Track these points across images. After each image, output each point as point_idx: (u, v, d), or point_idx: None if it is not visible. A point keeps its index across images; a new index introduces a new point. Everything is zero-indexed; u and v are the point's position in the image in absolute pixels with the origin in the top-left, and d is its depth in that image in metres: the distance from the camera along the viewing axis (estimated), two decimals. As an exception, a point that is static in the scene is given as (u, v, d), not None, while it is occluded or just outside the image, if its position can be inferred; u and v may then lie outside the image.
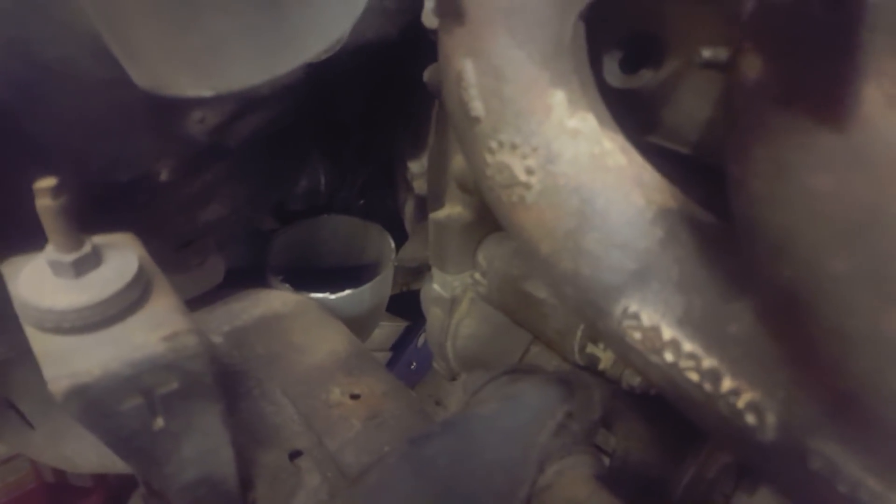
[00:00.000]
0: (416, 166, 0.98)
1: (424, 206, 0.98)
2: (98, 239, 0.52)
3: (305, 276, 1.10)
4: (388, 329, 1.62)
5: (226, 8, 0.42)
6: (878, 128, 0.29)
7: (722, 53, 0.39)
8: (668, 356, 0.40)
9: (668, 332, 0.40)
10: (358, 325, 1.01)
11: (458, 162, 0.79)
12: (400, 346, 1.64)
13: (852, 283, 0.31)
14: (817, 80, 0.29)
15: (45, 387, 0.98)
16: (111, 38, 0.47)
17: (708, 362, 0.39)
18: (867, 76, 0.28)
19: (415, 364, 1.65)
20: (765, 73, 0.31)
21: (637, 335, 0.42)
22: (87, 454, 1.00)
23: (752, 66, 0.32)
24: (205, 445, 0.57)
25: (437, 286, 0.89)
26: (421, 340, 1.63)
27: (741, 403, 0.38)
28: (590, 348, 0.70)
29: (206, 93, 0.46)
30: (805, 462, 0.35)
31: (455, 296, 0.88)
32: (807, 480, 0.35)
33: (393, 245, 1.17)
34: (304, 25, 0.45)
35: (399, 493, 0.48)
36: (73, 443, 1.00)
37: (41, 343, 0.49)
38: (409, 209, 1.08)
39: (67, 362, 0.47)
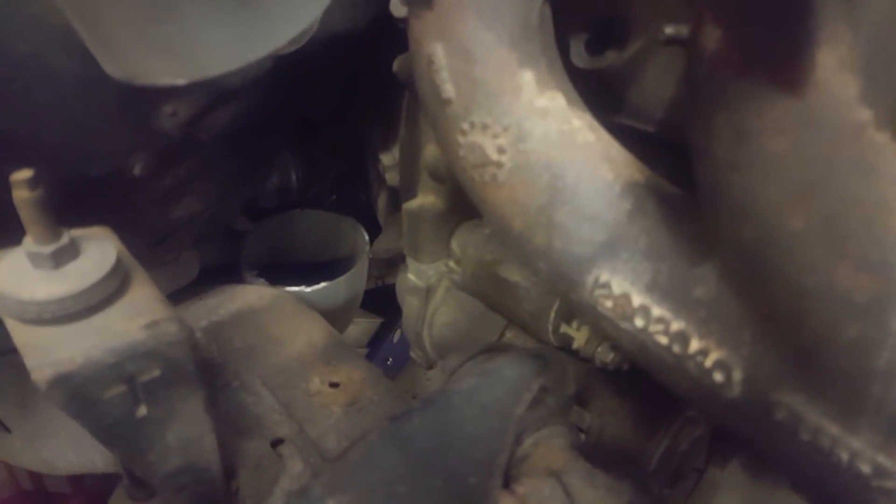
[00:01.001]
0: (388, 158, 0.99)
1: (397, 198, 0.99)
2: (75, 231, 0.52)
3: (280, 271, 1.11)
4: (363, 325, 1.63)
5: (198, -5, 0.42)
6: (832, 90, 0.31)
7: (684, 30, 0.41)
8: (639, 322, 0.42)
9: (637, 299, 0.42)
10: (334, 317, 1.02)
11: (429, 151, 0.80)
12: (376, 343, 1.65)
13: (809, 240, 0.33)
14: (773, 48, 0.31)
15: (21, 390, 0.97)
16: (83, 28, 0.47)
17: (676, 325, 0.41)
18: (820, 42, 0.30)
19: (391, 360, 1.66)
20: (723, 43, 0.33)
21: (608, 303, 0.43)
22: (65, 455, 0.99)
23: (711, 37, 0.34)
24: (188, 433, 0.57)
25: (412, 276, 0.90)
26: (396, 336, 1.63)
27: (709, 363, 0.39)
28: (563, 328, 0.72)
29: (180, 81, 0.46)
30: (770, 414, 0.37)
31: (430, 284, 0.89)
32: (772, 431, 0.37)
33: (367, 238, 1.18)
34: (274, 12, 0.46)
35: (382, 468, 0.49)
36: (50, 445, 0.99)
37: (22, 334, 0.49)
38: (381, 201, 1.09)
39: (50, 352, 0.47)
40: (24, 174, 0.47)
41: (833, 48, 0.30)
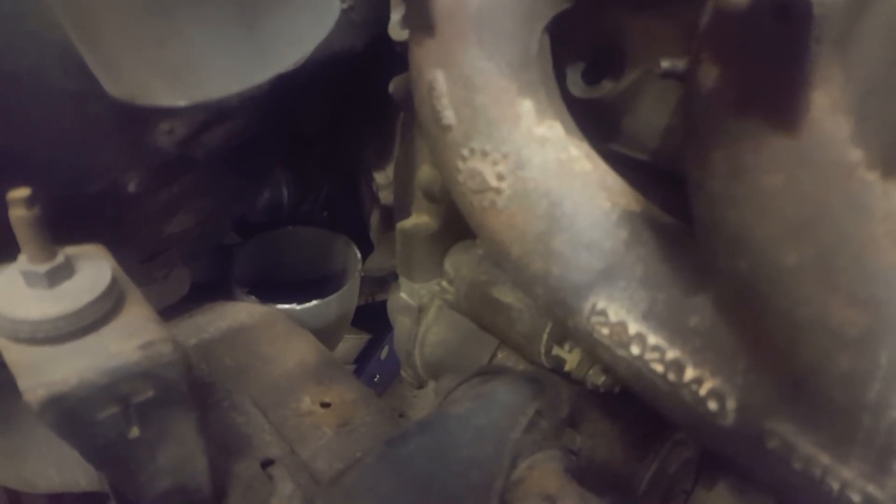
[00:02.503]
0: (382, 177, 1.00)
1: (390, 217, 0.99)
2: (70, 249, 0.52)
3: (271, 287, 1.10)
4: (351, 342, 1.63)
5: (203, 21, 0.43)
6: (824, 130, 0.32)
7: (679, 64, 0.42)
8: (635, 349, 0.43)
9: (633, 327, 0.43)
10: (325, 335, 1.02)
11: (423, 172, 0.81)
12: (363, 359, 1.64)
13: (802, 274, 0.34)
14: (769, 87, 0.32)
15: (4, 406, 0.96)
16: (85, 47, 0.47)
17: (671, 354, 0.41)
18: (814, 83, 0.31)
19: (378, 376, 1.65)
20: (720, 81, 0.34)
21: (605, 330, 0.44)
22: (47, 474, 0.98)
23: (709, 75, 0.34)
24: (179, 454, 0.57)
25: (405, 295, 0.90)
26: (384, 353, 1.63)
27: (703, 391, 0.40)
28: (555, 350, 0.72)
29: (182, 102, 0.47)
30: (763, 442, 0.37)
31: (422, 304, 0.89)
32: (765, 459, 0.38)
33: (359, 255, 1.18)
34: (277, 38, 0.46)
35: (378, 492, 0.49)
36: (32, 463, 0.97)
37: (15, 354, 0.48)
38: (374, 220, 1.10)
39: (43, 372, 0.47)
40: (21, 192, 0.47)
41: (827, 90, 0.31)
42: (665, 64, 0.43)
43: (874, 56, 0.31)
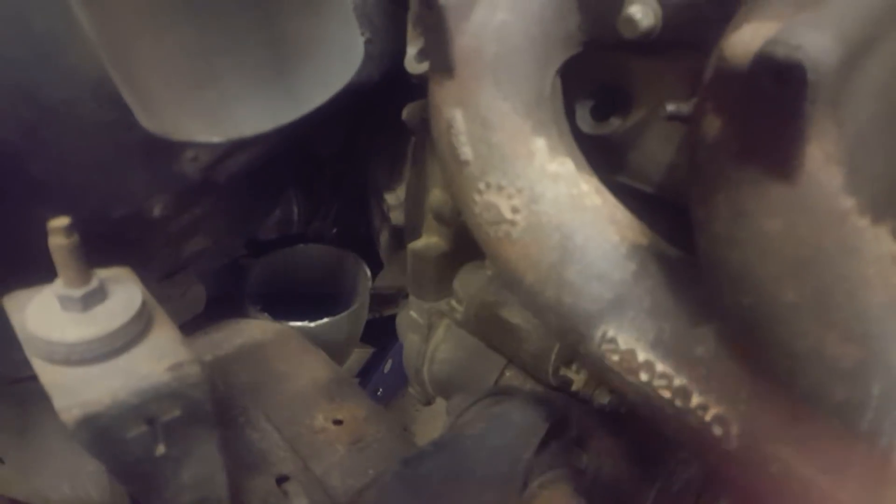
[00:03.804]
0: (393, 198, 1.03)
1: (400, 236, 1.02)
2: (102, 273, 0.54)
3: (283, 304, 1.13)
4: (355, 355, 1.64)
5: (239, 64, 0.45)
6: (819, 180, 0.34)
7: (684, 107, 0.45)
8: (643, 376, 0.45)
9: (642, 355, 0.45)
10: (336, 351, 1.04)
11: (434, 195, 0.84)
12: (367, 372, 1.66)
13: (800, 310, 0.37)
14: (769, 140, 0.35)
15: (21, 420, 0.98)
16: (124, 86, 0.50)
17: (678, 381, 0.44)
18: (809, 137, 0.34)
19: (381, 390, 1.67)
20: (723, 133, 0.37)
21: (615, 357, 0.46)
22: (60, 487, 1.00)
23: (712, 125, 0.37)
24: (202, 471, 0.59)
25: (414, 313, 0.93)
26: (387, 366, 1.64)
27: (708, 417, 0.42)
28: (563, 371, 0.74)
29: (216, 139, 0.49)
30: (765, 466, 0.40)
31: (431, 322, 0.91)
32: (767, 482, 0.40)
33: (369, 273, 1.20)
34: (308, 79, 0.49)
35: (396, 511, 0.51)
36: (45, 476, 0.99)
37: (50, 375, 0.51)
38: (384, 239, 1.12)
39: (77, 393, 0.49)
40: (61, 222, 0.49)
41: (821, 144, 0.34)
42: (670, 107, 0.46)
43: (864, 113, 0.34)
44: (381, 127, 1.00)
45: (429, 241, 0.87)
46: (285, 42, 0.44)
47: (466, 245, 0.82)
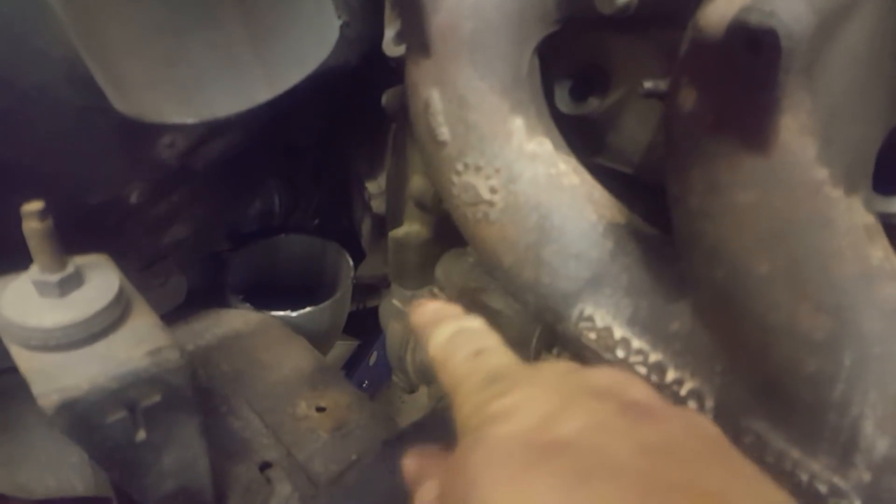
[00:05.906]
0: (374, 186, 1.02)
1: (381, 225, 1.01)
2: (78, 259, 0.54)
3: (265, 295, 1.12)
4: (340, 348, 1.64)
5: (212, 42, 0.45)
6: (793, 151, 0.35)
7: (661, 85, 0.45)
8: (620, 353, 0.46)
9: (618, 332, 0.46)
10: (318, 341, 1.04)
11: (415, 182, 0.83)
12: (352, 365, 1.66)
13: (773, 283, 0.37)
14: (743, 111, 0.35)
15: (2, 413, 0.97)
16: (95, 66, 0.49)
17: (654, 357, 0.44)
18: (783, 108, 0.34)
19: (366, 382, 1.67)
20: (698, 105, 0.37)
21: (592, 335, 0.47)
22: (43, 480, 0.99)
23: (688, 98, 0.37)
24: (183, 457, 0.59)
25: (397, 301, 0.93)
26: (373, 359, 1.64)
27: (684, 391, 0.43)
28: (544, 354, 0.75)
29: (189, 120, 0.49)
30: (739, 438, 0.40)
31: (414, 310, 0.91)
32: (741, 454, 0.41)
33: (351, 263, 1.20)
34: (282, 58, 0.48)
35: (377, 492, 0.51)
36: (28, 468, 0.98)
37: (27, 361, 0.50)
38: (365, 227, 1.12)
39: (55, 378, 0.49)
40: (35, 206, 0.49)
41: (795, 114, 0.34)
42: (647, 85, 0.46)
43: (838, 84, 0.34)
44: (360, 115, 1.00)
45: (410, 228, 0.87)
46: (258, 20, 0.43)
47: (448, 232, 0.82)
